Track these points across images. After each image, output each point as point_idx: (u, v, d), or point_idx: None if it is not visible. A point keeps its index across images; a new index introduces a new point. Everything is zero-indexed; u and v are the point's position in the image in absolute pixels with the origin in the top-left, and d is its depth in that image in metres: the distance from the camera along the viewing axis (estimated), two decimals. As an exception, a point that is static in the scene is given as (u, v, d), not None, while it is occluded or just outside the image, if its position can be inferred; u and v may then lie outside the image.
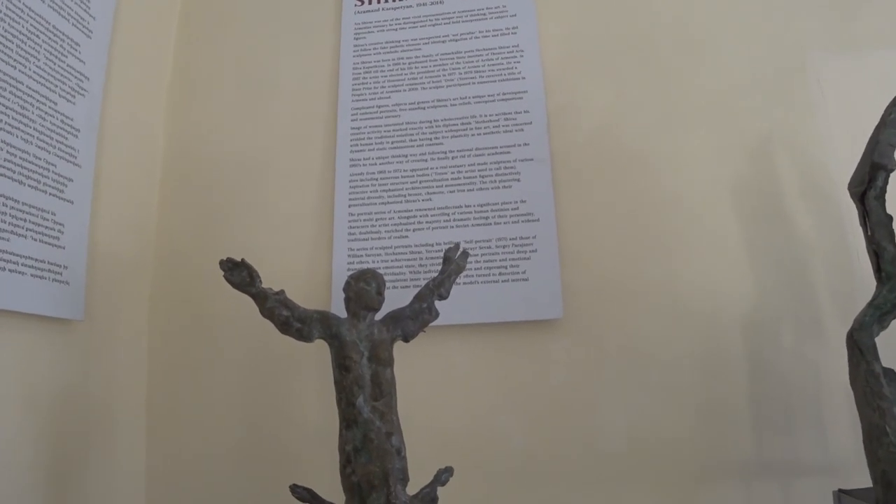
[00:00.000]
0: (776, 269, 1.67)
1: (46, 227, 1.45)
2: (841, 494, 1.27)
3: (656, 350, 1.64)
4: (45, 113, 1.49)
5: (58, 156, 1.51)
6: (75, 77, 1.60)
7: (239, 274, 1.25)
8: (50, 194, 1.47)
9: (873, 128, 1.31)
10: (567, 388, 1.64)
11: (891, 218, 1.26)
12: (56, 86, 1.53)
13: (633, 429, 1.61)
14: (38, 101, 1.47)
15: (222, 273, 1.26)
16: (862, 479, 1.25)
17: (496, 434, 1.64)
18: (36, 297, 1.40)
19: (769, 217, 1.70)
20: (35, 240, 1.41)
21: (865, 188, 1.27)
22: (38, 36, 1.49)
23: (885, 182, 1.27)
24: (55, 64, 1.54)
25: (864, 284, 1.37)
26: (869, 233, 1.27)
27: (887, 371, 1.20)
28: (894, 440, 1.14)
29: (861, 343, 1.23)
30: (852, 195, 1.33)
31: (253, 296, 1.26)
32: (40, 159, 1.45)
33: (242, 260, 1.26)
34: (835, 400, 1.54)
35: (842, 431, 1.53)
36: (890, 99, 1.30)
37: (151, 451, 1.74)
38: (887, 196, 1.27)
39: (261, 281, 1.26)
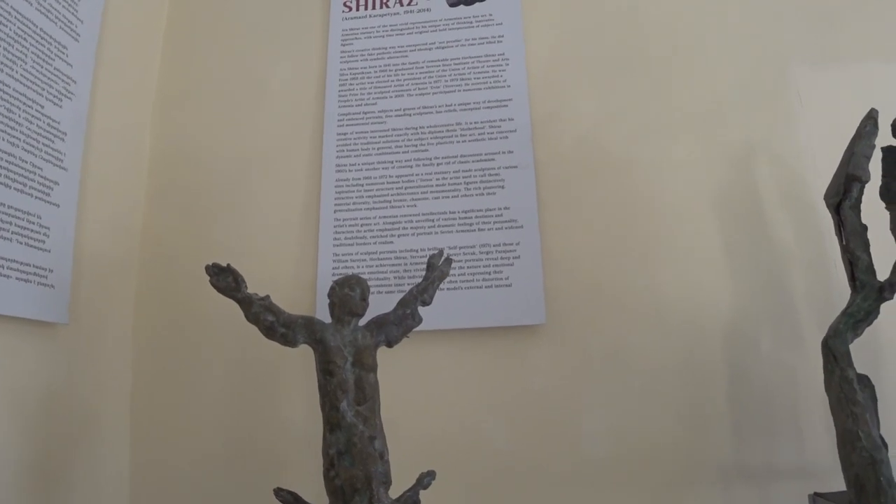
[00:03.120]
0: (756, 276, 1.69)
1: (32, 231, 1.45)
2: (816, 498, 1.29)
3: (638, 355, 1.66)
4: (32, 116, 1.49)
5: (44, 159, 1.51)
6: (62, 80, 1.60)
7: (224, 279, 1.26)
8: (36, 197, 1.47)
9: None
10: (550, 393, 1.66)
11: (865, 228, 1.28)
12: (43, 89, 1.53)
13: (616, 433, 1.63)
14: (24, 104, 1.47)
15: (208, 278, 1.27)
16: (837, 482, 1.28)
17: (479, 438, 1.65)
18: (21, 300, 1.40)
19: (749, 225, 1.73)
20: (20, 243, 1.41)
21: (841, 199, 1.30)
22: (25, 39, 1.49)
23: (860, 193, 1.30)
24: (42, 67, 1.54)
25: (842, 293, 1.39)
26: (844, 242, 1.30)
27: (861, 377, 1.23)
28: (867, 445, 1.17)
29: (835, 350, 1.25)
30: (828, 206, 1.35)
31: (238, 301, 1.27)
32: (26, 162, 1.46)
33: (228, 265, 1.27)
34: (811, 405, 1.57)
35: (818, 436, 1.55)
36: (866, 112, 1.33)
37: (136, 454, 1.74)
38: (862, 207, 1.30)
39: (246, 286, 1.27)
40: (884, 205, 1.30)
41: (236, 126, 1.98)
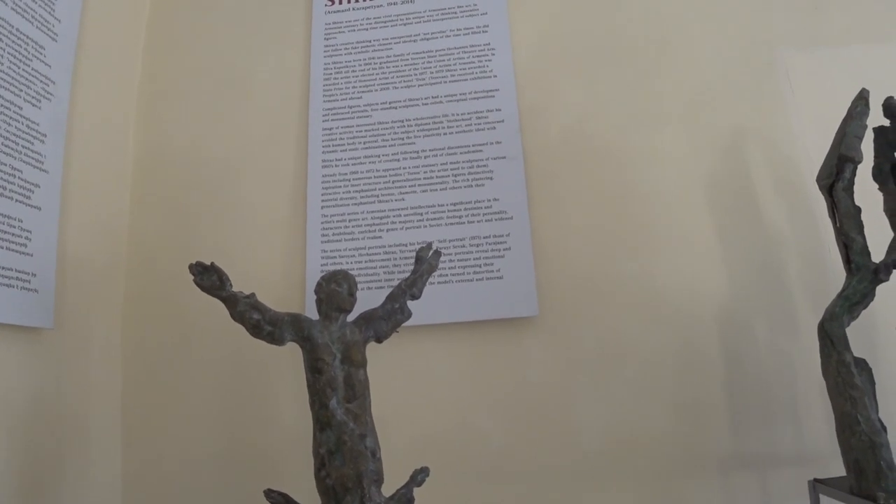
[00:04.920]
0: (749, 262, 1.68)
1: (13, 235, 1.42)
2: (816, 483, 1.28)
3: (632, 346, 1.65)
4: (10, 118, 1.46)
5: (24, 161, 1.48)
6: (41, 81, 1.57)
7: (209, 278, 1.24)
8: (16, 201, 1.45)
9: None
10: (543, 386, 1.64)
11: (859, 209, 1.27)
12: (21, 90, 1.50)
13: (611, 425, 1.61)
14: (2, 105, 1.44)
15: (192, 277, 1.25)
16: (836, 467, 1.27)
17: (473, 433, 1.63)
18: (3, 306, 1.37)
19: (741, 211, 1.72)
20: (1, 248, 1.39)
21: (833, 180, 1.29)
22: (1, 39, 1.47)
23: (853, 174, 1.29)
24: (19, 68, 1.51)
25: (836, 276, 1.38)
26: (838, 224, 1.29)
27: (858, 361, 1.22)
28: (866, 429, 1.16)
29: (832, 333, 1.24)
30: (821, 187, 1.34)
31: (223, 299, 1.25)
32: (6, 165, 1.43)
33: (212, 263, 1.24)
34: (808, 391, 1.56)
35: (816, 422, 1.54)
36: (857, 93, 1.32)
37: (127, 458, 1.72)
38: (855, 188, 1.29)
39: (231, 284, 1.25)
40: (877, 186, 1.29)
41: (220, 124, 1.95)
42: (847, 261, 1.28)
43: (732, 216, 1.71)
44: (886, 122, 1.29)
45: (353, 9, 2.02)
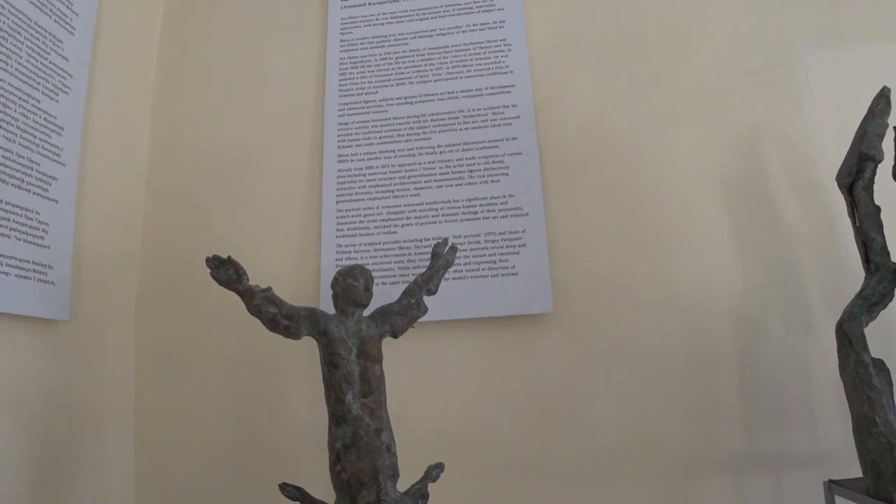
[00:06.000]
0: (765, 261, 1.67)
1: (31, 227, 1.43)
2: (831, 485, 1.27)
3: (646, 344, 1.64)
4: (28, 111, 1.47)
5: (41, 154, 1.49)
6: (58, 74, 1.58)
7: (225, 271, 1.24)
8: (34, 193, 1.45)
9: (860, 119, 1.31)
10: (557, 383, 1.64)
11: (879, 209, 1.26)
12: (39, 83, 1.51)
13: (624, 423, 1.61)
14: (20, 98, 1.45)
15: (209, 271, 1.25)
16: (852, 469, 1.26)
17: (487, 429, 1.63)
18: (20, 297, 1.38)
19: (758, 209, 1.70)
20: (19, 239, 1.40)
21: (854, 179, 1.28)
22: (19, 32, 1.47)
23: (873, 173, 1.27)
24: (37, 61, 1.52)
25: (853, 276, 1.37)
26: (857, 224, 1.28)
27: (876, 361, 1.21)
28: (884, 430, 1.15)
29: (850, 333, 1.23)
30: (840, 186, 1.33)
31: (240, 293, 1.25)
32: (23, 158, 1.44)
33: (229, 257, 1.25)
34: (824, 391, 1.55)
35: (832, 422, 1.53)
36: (877, 91, 1.31)
37: (140, 451, 1.73)
38: (875, 187, 1.28)
39: (248, 278, 1.25)
40: (897, 185, 1.28)
41: (236, 118, 1.96)
42: (866, 260, 1.27)
43: (748, 214, 1.70)
44: (908, 121, 1.28)
45: (370, 3, 2.02)
